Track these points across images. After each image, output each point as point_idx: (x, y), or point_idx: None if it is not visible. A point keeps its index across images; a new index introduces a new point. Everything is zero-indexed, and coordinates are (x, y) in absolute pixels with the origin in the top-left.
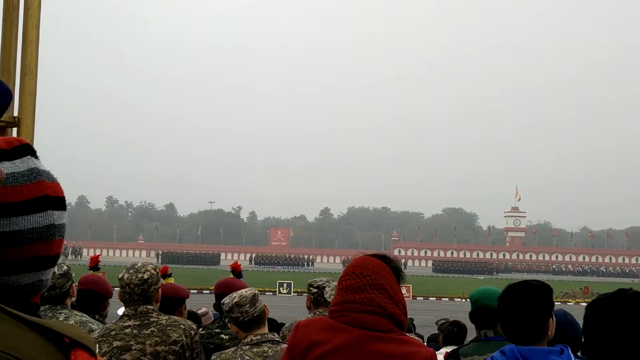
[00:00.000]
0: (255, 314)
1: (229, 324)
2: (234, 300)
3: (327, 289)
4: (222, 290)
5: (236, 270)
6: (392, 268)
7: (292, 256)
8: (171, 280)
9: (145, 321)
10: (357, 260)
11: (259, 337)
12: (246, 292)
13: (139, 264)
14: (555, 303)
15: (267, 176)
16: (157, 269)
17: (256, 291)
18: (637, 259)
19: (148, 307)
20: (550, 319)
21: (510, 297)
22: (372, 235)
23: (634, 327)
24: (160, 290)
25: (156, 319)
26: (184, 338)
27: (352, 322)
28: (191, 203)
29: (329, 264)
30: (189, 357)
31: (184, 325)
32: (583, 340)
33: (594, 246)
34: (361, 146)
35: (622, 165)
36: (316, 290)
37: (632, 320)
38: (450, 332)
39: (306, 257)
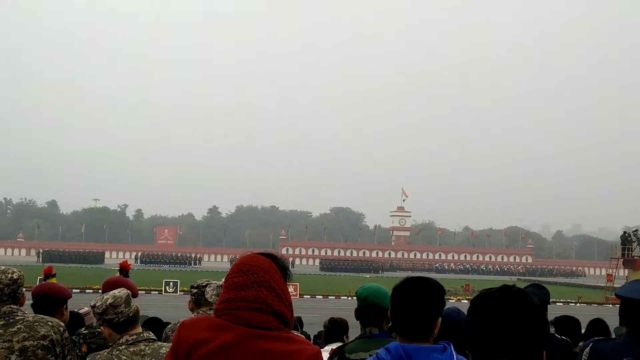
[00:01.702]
0: (130, 314)
1: (100, 327)
2: (108, 302)
3: (207, 288)
4: (110, 289)
5: (124, 269)
6: (279, 266)
7: (179, 255)
8: (54, 280)
9: (11, 320)
10: (244, 258)
11: (134, 336)
12: (119, 292)
13: (3, 267)
14: None
15: (154, 175)
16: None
17: (128, 291)
18: (515, 258)
19: (13, 307)
20: (439, 318)
21: (406, 290)
22: (260, 234)
23: (517, 322)
24: (24, 294)
25: (22, 317)
26: (52, 334)
27: (238, 320)
28: (75, 200)
29: (217, 263)
30: (60, 353)
31: (51, 322)
32: (465, 332)
33: (475, 245)
34: (250, 146)
35: (502, 168)
36: (196, 290)
37: (515, 315)
38: (328, 329)
39: (193, 255)
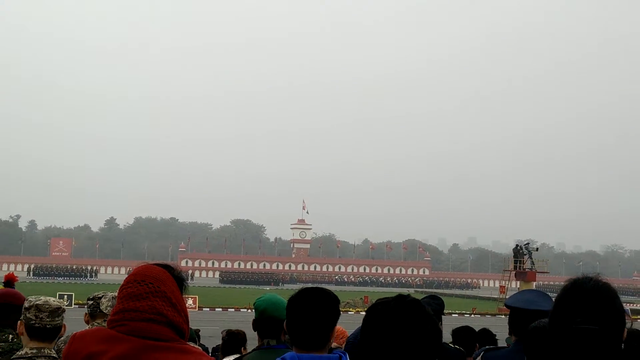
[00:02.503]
0: (47, 326)
1: (19, 321)
2: (38, 302)
3: (103, 300)
4: None
5: (11, 282)
6: (175, 277)
7: (74, 267)
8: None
9: None
10: (139, 269)
11: (34, 350)
12: (55, 301)
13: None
14: None
15: (50, 185)
16: None
17: (64, 307)
18: (413, 270)
19: None
20: (335, 328)
21: (301, 300)
22: (159, 246)
23: (411, 331)
24: None
25: None
26: None
27: (132, 331)
28: None
29: (114, 275)
30: None
31: None
32: (360, 340)
33: (374, 258)
34: (151, 156)
35: (401, 180)
36: (92, 301)
37: (410, 323)
38: (225, 341)
39: (89, 267)
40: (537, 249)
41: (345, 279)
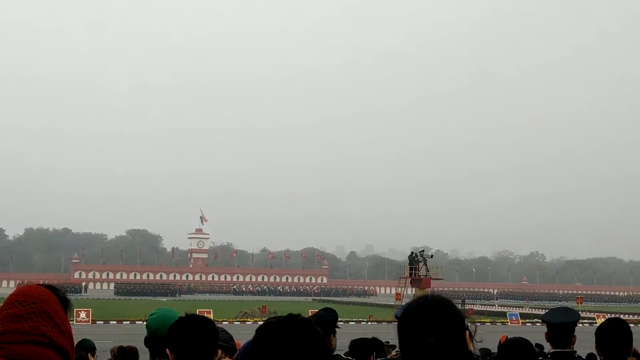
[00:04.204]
0: None
1: None
2: None
3: None
4: None
5: None
6: (60, 297)
7: None
8: None
9: None
10: (21, 289)
11: None
12: None
13: None
14: (235, 323)
15: None
16: None
17: None
18: (311, 278)
19: None
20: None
21: (182, 328)
22: (51, 258)
23: (301, 351)
24: None
25: None
26: None
27: (13, 354)
28: None
29: (3, 289)
30: None
31: None
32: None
33: (272, 267)
34: (40, 165)
35: (300, 188)
36: None
37: (299, 344)
38: (117, 357)
39: None
40: (432, 256)
41: (244, 289)
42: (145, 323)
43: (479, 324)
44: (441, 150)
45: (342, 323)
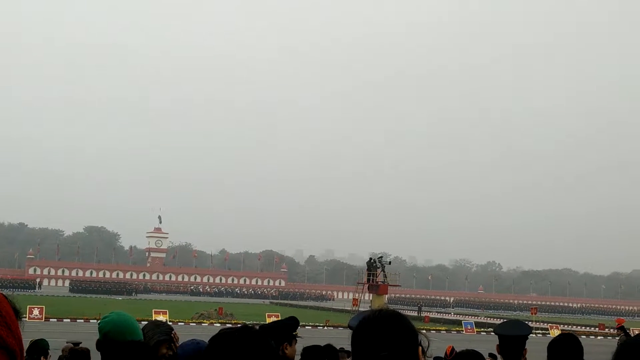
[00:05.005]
0: None
1: None
2: None
3: None
4: None
5: None
6: (9, 302)
7: None
8: None
9: None
10: None
11: None
12: None
13: None
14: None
15: None
16: None
17: None
18: (269, 281)
19: None
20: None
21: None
22: (5, 252)
23: None
24: None
25: None
26: None
27: None
28: None
29: None
30: None
31: None
32: None
33: (231, 268)
34: None
35: (258, 190)
36: None
37: (250, 356)
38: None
39: None
40: (389, 262)
41: (201, 289)
42: (97, 325)
43: (434, 331)
44: (398, 151)
45: (299, 327)
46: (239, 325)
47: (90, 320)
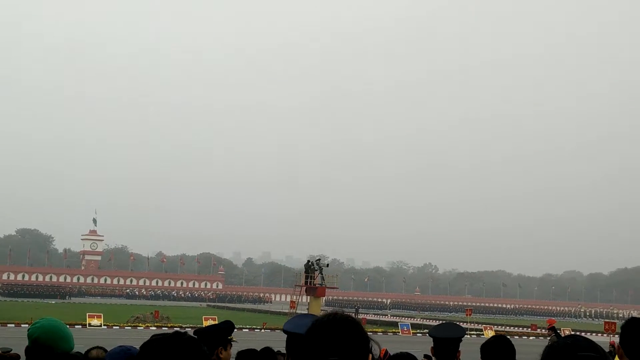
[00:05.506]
0: None
1: None
2: None
3: None
4: None
5: None
6: None
7: None
8: None
9: None
10: None
11: None
12: None
13: None
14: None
15: None
16: None
17: None
18: (206, 284)
19: None
20: None
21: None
22: None
23: None
24: None
25: None
26: None
27: None
28: None
29: None
30: None
31: None
32: None
33: (167, 271)
34: None
35: (198, 193)
36: None
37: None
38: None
39: None
40: (327, 265)
41: (137, 293)
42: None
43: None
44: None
45: (235, 330)
46: (171, 332)
47: (22, 325)
